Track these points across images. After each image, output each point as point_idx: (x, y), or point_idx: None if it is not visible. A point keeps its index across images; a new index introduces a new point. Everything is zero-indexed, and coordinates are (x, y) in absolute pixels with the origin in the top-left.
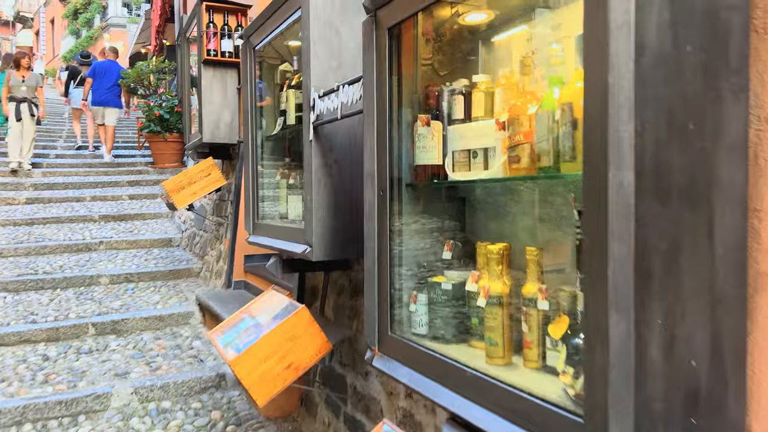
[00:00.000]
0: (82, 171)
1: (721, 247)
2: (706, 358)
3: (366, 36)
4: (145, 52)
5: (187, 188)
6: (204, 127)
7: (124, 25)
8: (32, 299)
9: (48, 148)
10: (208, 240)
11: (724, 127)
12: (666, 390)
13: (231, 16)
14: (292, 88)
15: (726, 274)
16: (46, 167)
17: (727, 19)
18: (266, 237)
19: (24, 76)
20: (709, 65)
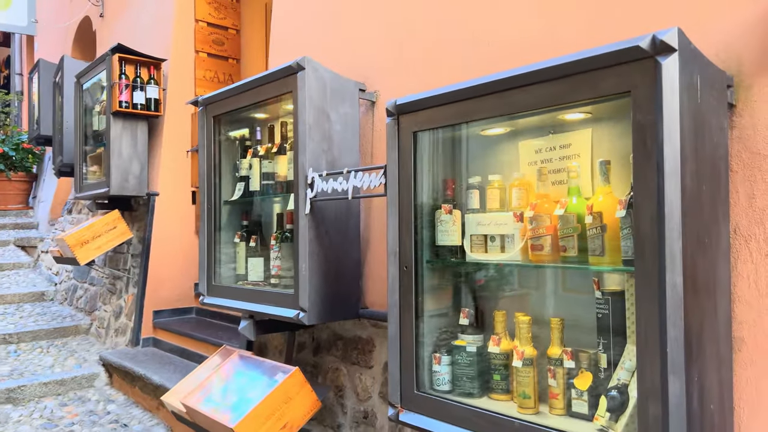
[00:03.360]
0: None
1: (721, 324)
2: (717, 401)
3: (390, 136)
4: None
5: (92, 242)
6: (112, 179)
7: None
8: None
9: None
10: (98, 294)
11: (720, 240)
12: (701, 429)
13: (143, 68)
14: (257, 158)
15: (724, 341)
16: None
17: (719, 166)
18: (231, 299)
19: None
20: (712, 198)
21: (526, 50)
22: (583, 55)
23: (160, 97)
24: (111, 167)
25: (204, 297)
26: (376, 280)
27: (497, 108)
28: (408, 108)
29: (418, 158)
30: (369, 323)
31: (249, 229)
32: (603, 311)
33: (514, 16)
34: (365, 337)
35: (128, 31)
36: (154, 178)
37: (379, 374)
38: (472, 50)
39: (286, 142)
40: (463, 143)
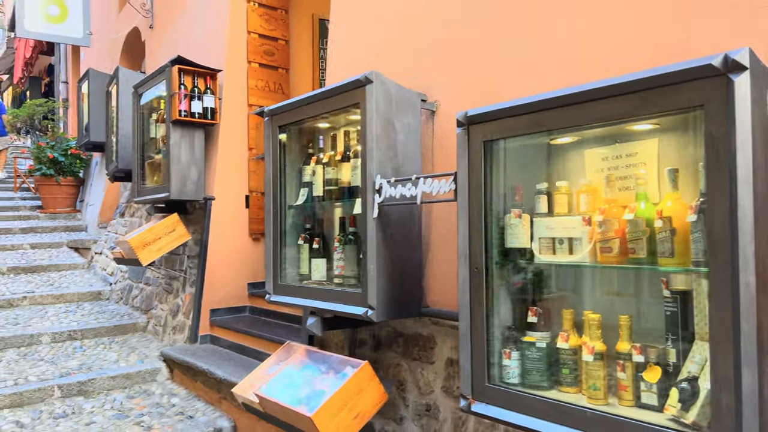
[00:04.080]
0: None
1: None
2: None
3: (460, 145)
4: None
5: (153, 244)
6: (172, 184)
7: None
8: None
9: None
10: (154, 293)
11: None
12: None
13: (200, 78)
14: (321, 165)
15: None
16: None
17: None
18: (297, 298)
19: None
20: None
21: (578, 65)
22: (659, 72)
23: (216, 106)
24: (171, 173)
25: (270, 295)
26: (437, 280)
27: (571, 119)
28: (478, 119)
29: (487, 165)
30: (430, 321)
31: (312, 231)
32: (671, 309)
33: (566, 34)
34: (426, 335)
35: (180, 42)
36: (210, 183)
37: (441, 369)
38: (527, 63)
39: (349, 150)
40: (531, 151)
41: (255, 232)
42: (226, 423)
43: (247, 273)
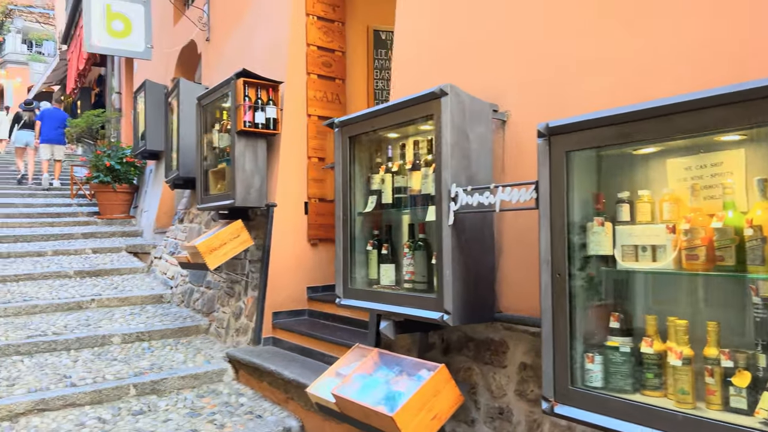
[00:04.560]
0: (26, 222)
1: None
2: None
3: (542, 154)
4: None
5: (219, 249)
6: (237, 192)
7: (24, 63)
8: (53, 362)
9: None
10: (215, 297)
11: None
12: None
13: (263, 90)
14: (390, 173)
15: None
16: None
17: None
18: (367, 302)
19: None
20: None
21: (652, 79)
22: (753, 85)
23: (278, 117)
24: (236, 181)
25: (340, 299)
26: (510, 286)
27: (657, 131)
28: (560, 129)
29: (568, 174)
30: (502, 326)
31: (380, 237)
32: (761, 315)
33: (640, 46)
34: (498, 339)
35: (238, 54)
36: (272, 190)
37: (514, 373)
38: (598, 77)
39: (419, 159)
40: (611, 160)
41: (313, 237)
42: (294, 423)
43: (306, 277)
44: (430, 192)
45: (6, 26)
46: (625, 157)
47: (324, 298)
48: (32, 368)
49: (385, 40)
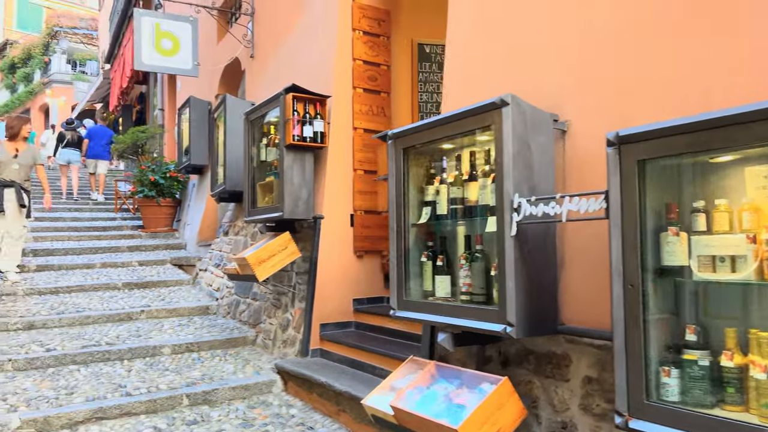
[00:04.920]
0: (74, 236)
1: None
2: None
3: (611, 163)
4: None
5: (268, 261)
6: (285, 204)
7: (69, 82)
8: (107, 371)
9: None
10: (262, 308)
11: None
12: None
13: (310, 104)
14: (445, 184)
15: None
16: (31, 231)
17: None
18: (423, 313)
19: (18, 149)
20: None
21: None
22: None
23: (325, 130)
24: (284, 194)
25: (395, 311)
26: (573, 297)
27: (733, 140)
28: (632, 138)
29: (639, 183)
30: (564, 339)
31: (435, 249)
32: None
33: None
34: (560, 353)
35: (284, 70)
36: (318, 203)
37: (577, 387)
38: (660, 86)
39: (475, 169)
40: (684, 169)
41: (359, 249)
42: None
43: (351, 289)
44: (488, 203)
45: (52, 47)
46: (700, 166)
47: (370, 311)
48: (89, 377)
49: (429, 53)
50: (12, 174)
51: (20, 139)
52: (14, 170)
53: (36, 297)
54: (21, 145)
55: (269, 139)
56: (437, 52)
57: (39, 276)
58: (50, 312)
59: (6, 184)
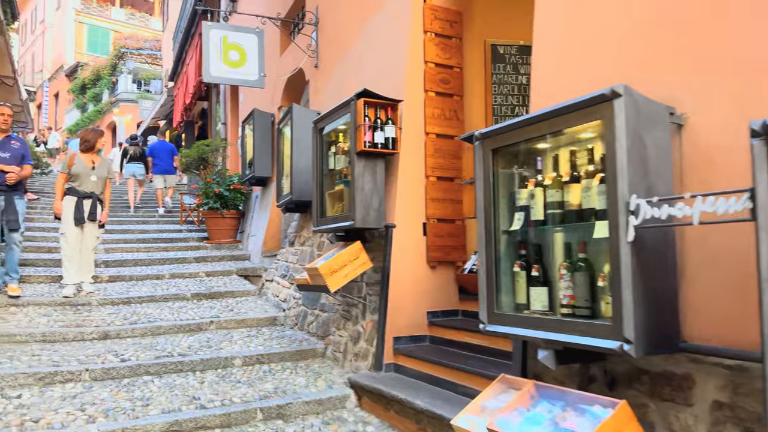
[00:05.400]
0: (143, 248)
1: None
2: None
3: (758, 157)
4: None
5: (340, 271)
6: (357, 213)
7: (135, 101)
8: (180, 383)
9: None
10: (331, 320)
11: None
12: None
13: (381, 110)
14: (540, 187)
15: None
16: (102, 243)
17: None
18: (518, 328)
19: (95, 162)
20: None
21: None
22: None
23: (397, 136)
24: (355, 202)
25: (485, 325)
26: (698, 312)
27: None
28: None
29: None
30: (686, 358)
31: (528, 258)
32: None
33: None
34: (681, 373)
35: (349, 77)
36: (390, 211)
37: (704, 413)
38: None
39: (576, 170)
40: None
41: (433, 259)
42: None
43: (426, 301)
44: (593, 206)
45: (119, 68)
46: None
47: (446, 324)
48: (163, 388)
49: (503, 54)
50: (90, 185)
51: (95, 151)
52: (92, 182)
53: (109, 307)
54: (96, 158)
55: (338, 146)
56: (511, 52)
57: (112, 286)
58: (123, 322)
59: (85, 196)
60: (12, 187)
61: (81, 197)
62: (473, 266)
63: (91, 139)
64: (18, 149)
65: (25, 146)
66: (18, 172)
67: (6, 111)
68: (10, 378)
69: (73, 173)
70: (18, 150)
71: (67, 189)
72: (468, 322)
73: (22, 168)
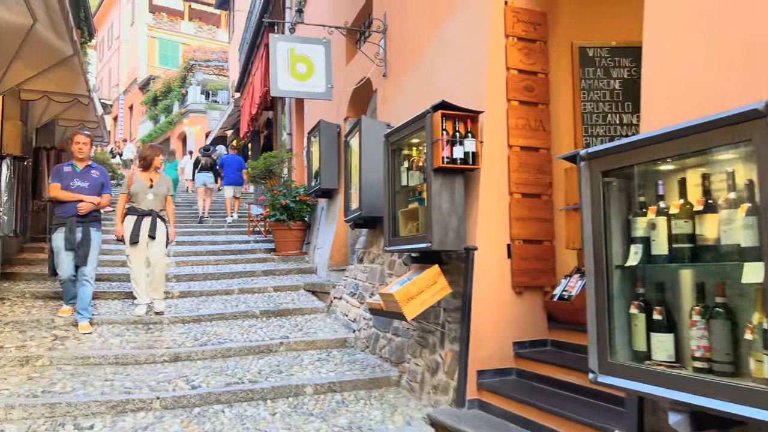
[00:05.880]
0: (212, 260)
1: None
2: None
3: None
4: (222, 135)
5: (417, 298)
6: (434, 234)
7: (203, 111)
8: (252, 414)
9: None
10: (405, 345)
11: None
12: None
13: (460, 122)
14: (664, 216)
15: None
16: (173, 255)
17: None
18: (640, 383)
19: (152, 180)
20: None
21: None
22: None
23: (477, 150)
24: (432, 222)
25: (596, 375)
26: None
27: None
28: None
29: None
30: None
31: (647, 298)
32: None
33: None
34: None
35: (421, 86)
36: (470, 232)
37: None
38: None
39: (711, 197)
40: None
41: (519, 285)
42: None
43: (511, 330)
44: (737, 242)
45: (188, 80)
46: None
47: (535, 356)
48: (233, 420)
49: (593, 57)
50: (148, 204)
51: (153, 169)
52: (150, 200)
53: (180, 325)
54: (155, 176)
55: (412, 161)
56: (602, 55)
57: (182, 303)
58: (194, 343)
59: (144, 213)
60: (89, 218)
61: (140, 215)
62: (564, 292)
63: (148, 156)
64: (97, 178)
65: (104, 175)
66: (94, 203)
67: (82, 140)
68: (83, 406)
69: (132, 192)
70: (97, 179)
71: (127, 209)
72: (560, 354)
73: (101, 197)
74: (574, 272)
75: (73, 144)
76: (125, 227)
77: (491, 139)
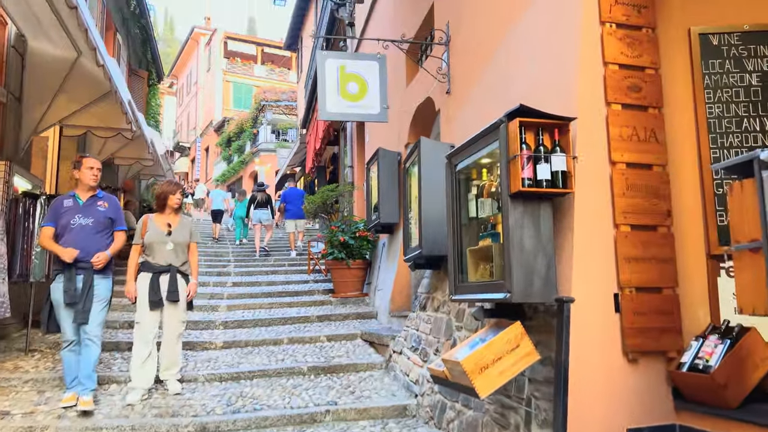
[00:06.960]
0: (266, 303)
1: None
2: None
3: None
4: (291, 173)
5: (492, 367)
6: (514, 281)
7: (273, 150)
8: None
9: (222, 275)
10: (479, 422)
11: None
12: None
13: (545, 133)
14: None
15: None
16: (227, 298)
17: None
18: None
19: (171, 224)
20: None
21: None
22: None
23: (569, 168)
24: (512, 265)
25: None
26: None
27: None
28: None
29: None
30: None
31: None
32: None
33: None
34: None
35: (490, 97)
36: (563, 277)
37: None
38: None
39: None
40: None
41: (633, 349)
42: None
43: (623, 412)
44: None
45: (259, 120)
46: None
47: None
48: None
49: (719, 45)
50: (167, 256)
51: (170, 210)
52: (169, 251)
53: (216, 384)
54: (174, 219)
55: (482, 187)
56: (731, 43)
57: (224, 356)
58: (225, 409)
59: (161, 270)
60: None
61: (156, 272)
62: (697, 359)
63: (163, 193)
64: (104, 212)
65: (115, 208)
66: (105, 258)
67: (96, 165)
68: None
69: (146, 243)
70: (104, 213)
71: (140, 264)
72: None
73: (115, 236)
74: (709, 331)
75: (83, 169)
76: (139, 288)
77: (587, 153)
